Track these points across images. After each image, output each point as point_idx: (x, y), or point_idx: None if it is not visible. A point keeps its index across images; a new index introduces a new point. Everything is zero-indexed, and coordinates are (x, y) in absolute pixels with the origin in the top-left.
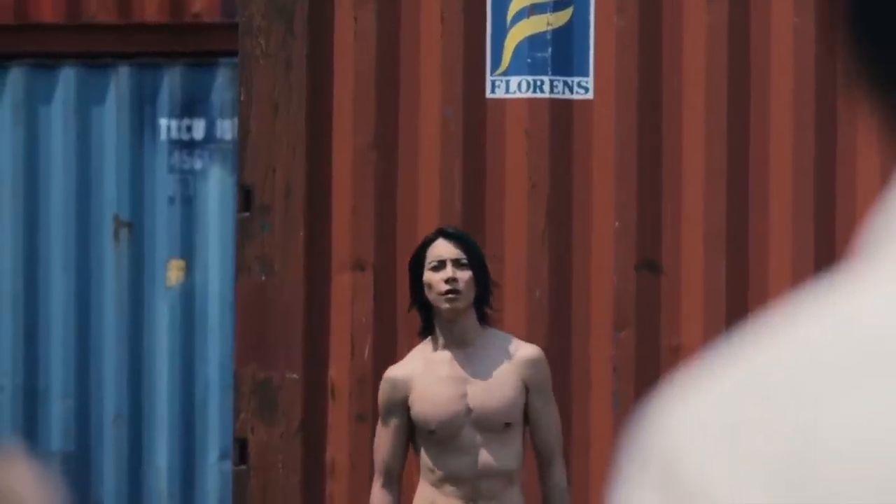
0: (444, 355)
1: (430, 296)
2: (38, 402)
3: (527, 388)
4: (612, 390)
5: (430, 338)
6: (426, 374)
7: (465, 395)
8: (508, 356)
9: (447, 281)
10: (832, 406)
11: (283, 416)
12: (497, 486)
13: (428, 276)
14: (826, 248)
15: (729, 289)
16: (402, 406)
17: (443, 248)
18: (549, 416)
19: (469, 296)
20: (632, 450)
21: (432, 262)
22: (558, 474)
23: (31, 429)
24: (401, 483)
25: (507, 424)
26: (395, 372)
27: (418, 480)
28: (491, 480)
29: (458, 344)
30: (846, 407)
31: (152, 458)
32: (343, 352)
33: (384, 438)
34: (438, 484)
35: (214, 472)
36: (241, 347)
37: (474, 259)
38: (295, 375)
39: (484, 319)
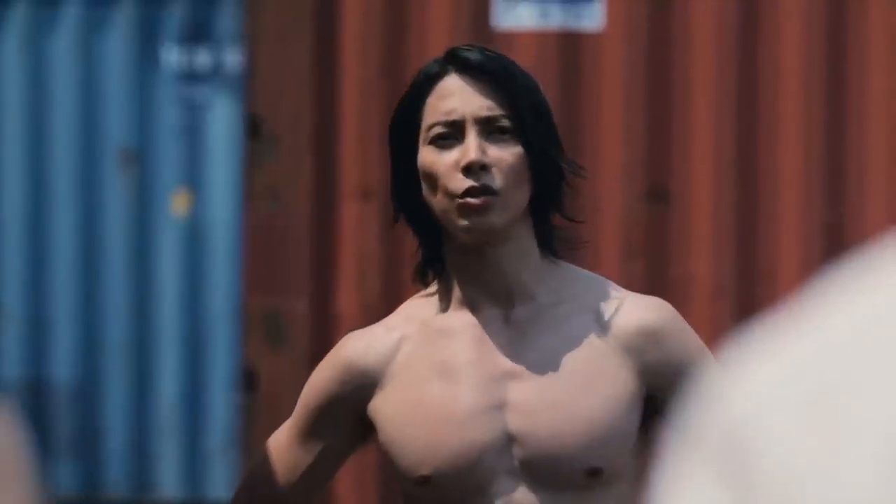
0: (463, 322)
1: (435, 200)
2: (44, 332)
3: (647, 391)
4: None
5: (436, 284)
6: (420, 359)
7: (501, 408)
8: (602, 324)
9: (467, 169)
10: None
11: (290, 345)
12: None
13: (428, 156)
14: (836, 176)
15: (738, 218)
16: (349, 417)
17: (457, 97)
18: None
19: (514, 199)
20: (685, 421)
21: (435, 124)
22: None
23: (37, 358)
24: None
25: (595, 472)
26: (357, 347)
27: None
28: None
29: (495, 300)
30: None
31: (159, 388)
32: (351, 281)
33: (284, 453)
34: None
35: (221, 401)
36: (248, 277)
37: (527, 114)
38: (303, 305)
39: (552, 245)
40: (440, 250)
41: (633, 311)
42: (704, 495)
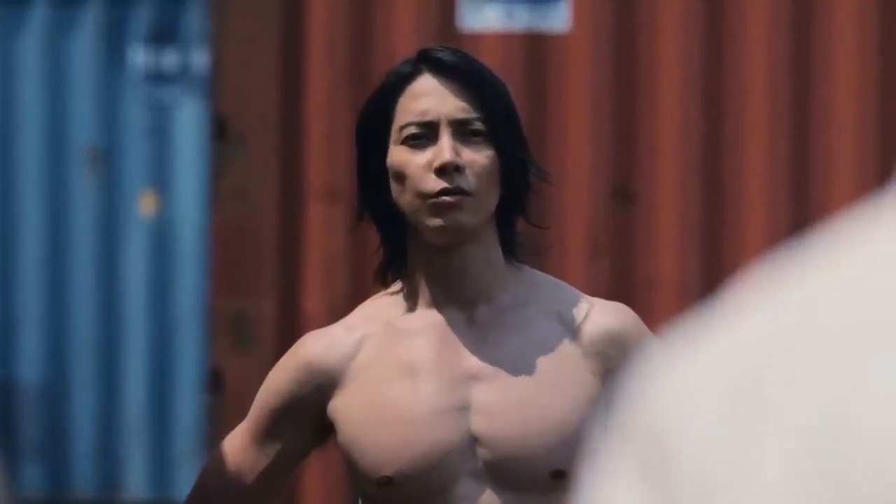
0: (427, 322)
1: (404, 200)
2: (11, 332)
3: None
4: None
5: (400, 284)
6: (382, 358)
7: (465, 409)
8: (566, 328)
9: (440, 170)
10: (874, 372)
11: (257, 346)
12: None
13: (399, 156)
14: (802, 176)
15: (704, 218)
16: (308, 417)
17: (432, 98)
18: None
19: (486, 201)
20: (609, 418)
21: (408, 124)
22: None
23: (4, 358)
24: None
25: (558, 474)
26: (317, 347)
27: None
28: None
29: (459, 301)
30: (889, 374)
31: (126, 389)
32: (318, 282)
33: (241, 454)
34: None
35: (188, 402)
36: (215, 277)
37: (499, 118)
38: (269, 306)
39: (516, 249)
40: (403, 251)
41: (597, 315)
42: (625, 493)
